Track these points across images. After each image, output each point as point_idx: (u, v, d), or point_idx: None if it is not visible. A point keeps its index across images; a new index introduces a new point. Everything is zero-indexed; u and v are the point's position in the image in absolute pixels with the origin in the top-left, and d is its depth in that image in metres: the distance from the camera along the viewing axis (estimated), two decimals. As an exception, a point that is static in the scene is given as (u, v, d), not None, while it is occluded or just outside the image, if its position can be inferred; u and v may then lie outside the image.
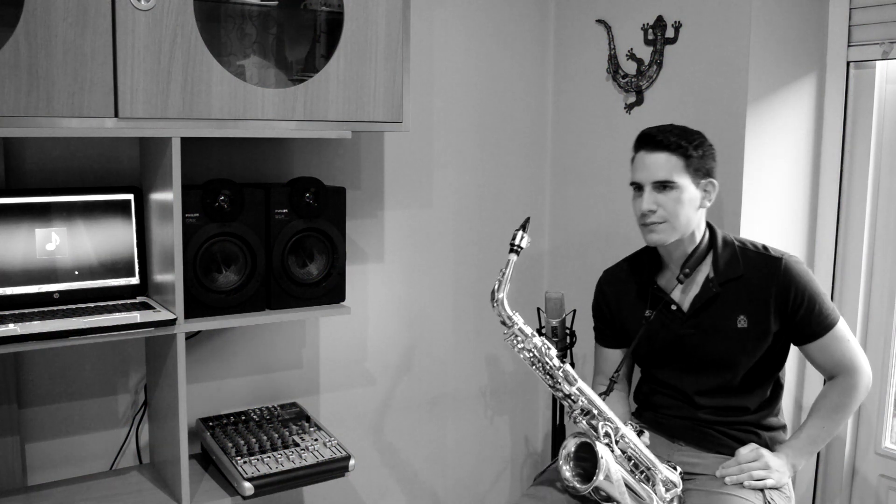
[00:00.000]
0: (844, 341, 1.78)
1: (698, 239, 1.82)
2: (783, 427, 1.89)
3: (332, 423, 2.39)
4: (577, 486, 1.60)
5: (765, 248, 1.82)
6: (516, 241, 1.68)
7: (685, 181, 1.75)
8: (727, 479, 1.73)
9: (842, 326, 1.78)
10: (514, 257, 1.67)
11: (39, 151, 1.88)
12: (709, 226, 1.85)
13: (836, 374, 1.79)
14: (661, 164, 1.74)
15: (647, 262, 1.92)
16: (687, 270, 1.80)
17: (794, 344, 1.82)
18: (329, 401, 2.39)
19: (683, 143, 1.74)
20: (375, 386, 2.48)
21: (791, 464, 1.78)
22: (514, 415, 2.79)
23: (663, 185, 1.75)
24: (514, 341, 1.68)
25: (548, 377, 1.68)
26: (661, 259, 1.89)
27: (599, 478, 1.55)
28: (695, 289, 1.83)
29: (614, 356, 1.99)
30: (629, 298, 1.93)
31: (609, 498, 1.59)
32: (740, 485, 1.74)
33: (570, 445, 1.65)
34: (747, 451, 1.76)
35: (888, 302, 2.18)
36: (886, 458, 2.20)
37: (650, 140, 1.77)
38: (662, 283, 1.88)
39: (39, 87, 1.54)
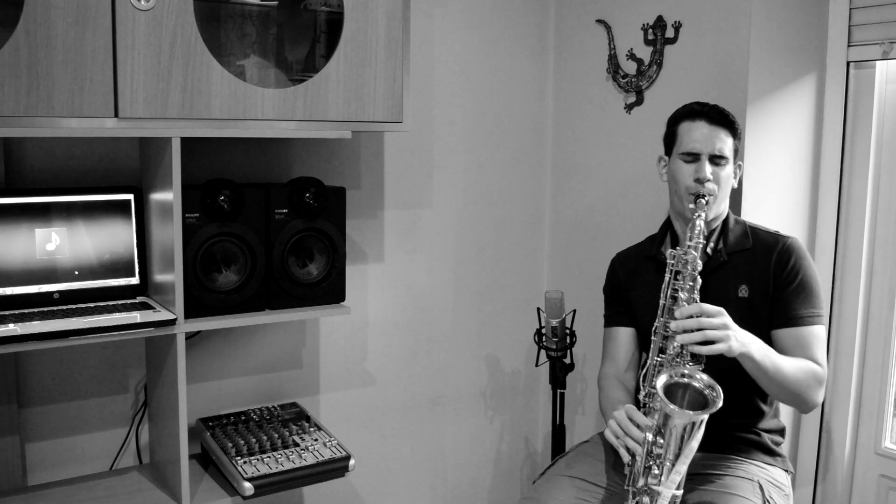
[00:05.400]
0: (820, 344, 1.76)
1: (722, 218, 1.87)
2: (782, 430, 1.89)
3: (332, 423, 2.39)
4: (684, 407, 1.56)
5: (777, 231, 1.87)
6: (705, 195, 1.77)
7: (731, 158, 1.83)
8: (674, 325, 1.62)
9: (823, 330, 1.78)
10: (702, 201, 1.77)
11: (39, 151, 1.88)
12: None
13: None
14: (722, 138, 1.81)
15: (658, 240, 1.95)
16: (712, 245, 1.85)
17: (772, 327, 1.78)
18: (329, 401, 2.39)
19: (735, 122, 1.83)
20: (375, 386, 2.48)
21: (749, 342, 1.63)
22: (514, 415, 2.79)
23: (717, 159, 1.81)
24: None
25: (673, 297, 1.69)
26: (676, 238, 1.91)
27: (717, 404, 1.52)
28: (703, 257, 1.83)
29: (624, 336, 1.97)
30: (638, 276, 1.95)
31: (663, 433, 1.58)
32: (735, 476, 1.74)
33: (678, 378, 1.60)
34: (713, 306, 1.62)
35: (888, 302, 2.18)
36: (886, 458, 2.20)
37: (708, 114, 1.82)
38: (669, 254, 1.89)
39: (39, 87, 1.54)
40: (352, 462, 1.95)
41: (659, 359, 1.69)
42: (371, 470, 2.50)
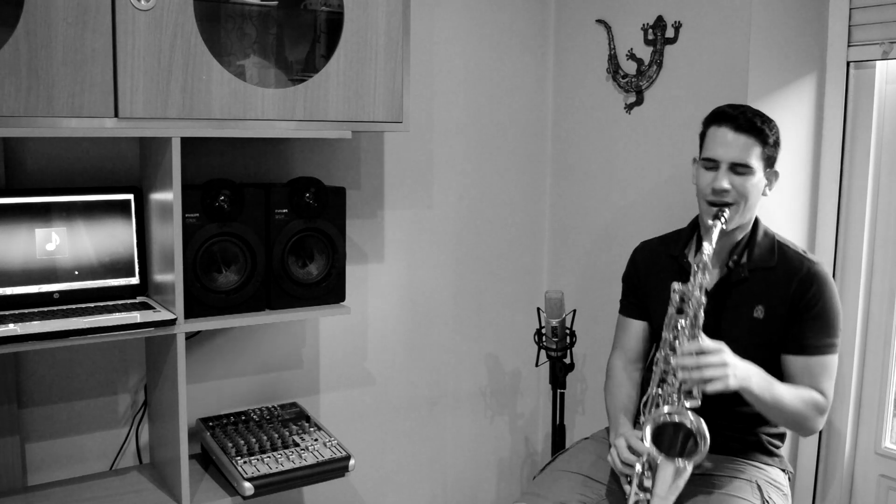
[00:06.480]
0: (828, 374, 1.74)
1: (748, 227, 1.81)
2: (782, 435, 1.88)
3: (332, 423, 2.39)
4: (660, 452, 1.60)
5: (805, 251, 1.80)
6: (725, 213, 1.72)
7: (758, 166, 1.75)
8: (674, 363, 1.62)
9: (834, 360, 1.75)
10: (718, 223, 1.72)
11: (39, 151, 1.88)
12: (755, 217, 1.83)
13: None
14: (743, 145, 1.73)
15: (683, 239, 1.90)
16: (735, 258, 1.80)
17: (782, 351, 1.76)
18: (329, 401, 2.39)
19: (766, 129, 1.74)
20: (375, 386, 2.48)
21: (748, 377, 1.62)
22: (514, 415, 2.79)
23: (739, 168, 1.74)
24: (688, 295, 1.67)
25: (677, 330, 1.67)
26: (700, 239, 1.87)
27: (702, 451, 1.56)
28: (723, 269, 1.82)
29: (636, 328, 1.97)
30: (657, 270, 1.93)
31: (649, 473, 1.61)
32: (734, 477, 1.75)
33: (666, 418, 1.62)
34: (712, 343, 1.61)
35: (888, 302, 2.18)
36: (886, 458, 2.20)
37: (735, 119, 1.74)
38: (692, 259, 1.86)
39: (39, 87, 1.54)
40: (352, 462, 1.95)
41: (659, 391, 1.68)
42: (371, 470, 2.50)
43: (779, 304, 1.75)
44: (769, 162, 1.77)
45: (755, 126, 1.73)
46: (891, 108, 2.15)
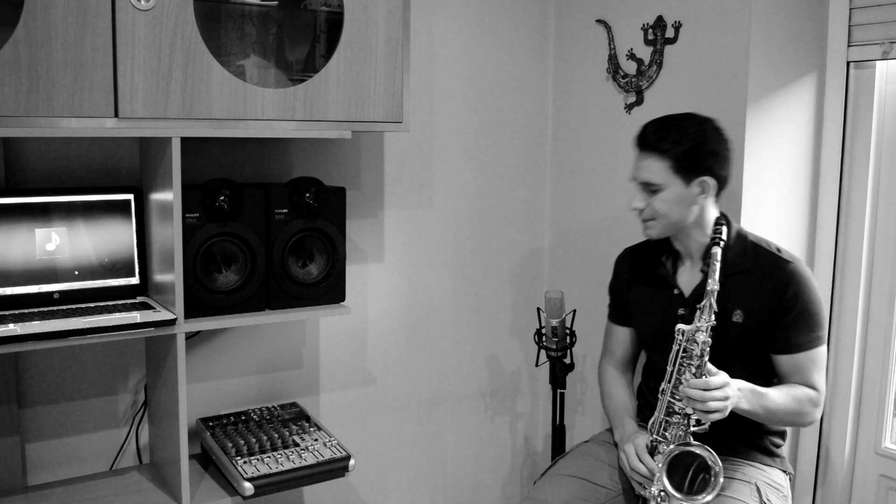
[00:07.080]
0: (818, 367, 1.75)
1: (710, 231, 1.80)
2: (783, 433, 1.88)
3: (332, 423, 2.39)
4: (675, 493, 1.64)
5: (779, 249, 1.80)
6: (721, 235, 1.71)
7: (673, 182, 1.75)
8: (682, 403, 1.65)
9: (822, 351, 1.75)
10: (717, 249, 1.70)
11: (39, 151, 1.88)
12: (725, 218, 1.81)
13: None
14: (648, 166, 1.77)
15: (662, 248, 1.91)
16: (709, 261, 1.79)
17: (770, 351, 1.77)
18: (329, 401, 2.39)
19: (672, 146, 1.73)
20: (375, 386, 2.48)
21: (739, 400, 1.65)
22: (514, 415, 2.79)
23: (649, 186, 1.77)
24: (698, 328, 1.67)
25: (688, 367, 1.67)
26: (677, 254, 1.89)
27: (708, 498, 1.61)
28: (698, 276, 1.82)
29: (622, 334, 2.01)
30: (637, 279, 1.95)
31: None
32: (733, 479, 1.76)
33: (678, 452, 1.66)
34: (718, 380, 1.63)
35: (888, 302, 2.18)
36: (886, 458, 2.20)
37: (642, 141, 1.79)
38: (670, 267, 1.89)
39: (39, 87, 1.54)
40: (352, 462, 1.95)
41: (666, 418, 1.70)
42: (371, 470, 2.50)
43: (757, 308, 1.75)
44: (692, 172, 1.74)
45: (657, 146, 1.74)
46: (891, 108, 2.15)
